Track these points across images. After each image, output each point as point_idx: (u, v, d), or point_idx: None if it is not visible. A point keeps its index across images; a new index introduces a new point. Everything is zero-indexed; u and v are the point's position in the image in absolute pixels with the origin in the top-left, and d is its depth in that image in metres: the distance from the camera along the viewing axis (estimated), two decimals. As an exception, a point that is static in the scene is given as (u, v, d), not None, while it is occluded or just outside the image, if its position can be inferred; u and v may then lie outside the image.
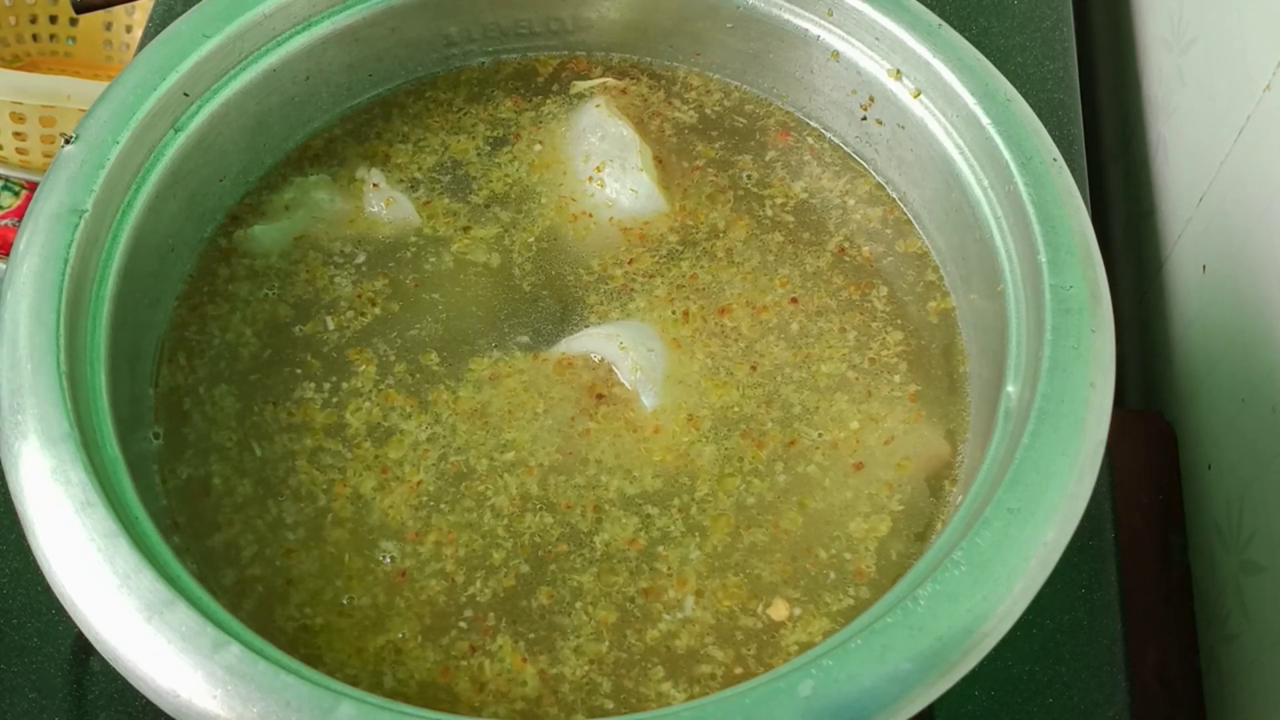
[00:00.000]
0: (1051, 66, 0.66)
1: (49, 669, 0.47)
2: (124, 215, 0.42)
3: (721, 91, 0.52)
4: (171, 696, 0.34)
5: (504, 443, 0.43)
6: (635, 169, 0.49)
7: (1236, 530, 0.54)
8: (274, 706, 0.33)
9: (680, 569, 0.41)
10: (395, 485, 0.42)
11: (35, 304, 0.39)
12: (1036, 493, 0.37)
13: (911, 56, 0.46)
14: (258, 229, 0.47)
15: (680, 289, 0.47)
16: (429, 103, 0.51)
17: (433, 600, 0.40)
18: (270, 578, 0.41)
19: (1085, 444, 0.38)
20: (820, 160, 0.51)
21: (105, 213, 0.42)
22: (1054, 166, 0.43)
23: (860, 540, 0.42)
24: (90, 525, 0.35)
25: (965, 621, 0.35)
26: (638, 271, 0.47)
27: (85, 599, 0.35)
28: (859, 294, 0.47)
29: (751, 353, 0.46)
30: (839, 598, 0.41)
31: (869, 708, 0.34)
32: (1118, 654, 0.50)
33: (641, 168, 0.49)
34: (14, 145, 0.57)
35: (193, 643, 0.34)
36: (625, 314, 0.46)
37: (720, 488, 0.43)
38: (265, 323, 0.46)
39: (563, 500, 0.42)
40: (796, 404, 0.44)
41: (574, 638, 0.40)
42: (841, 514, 0.42)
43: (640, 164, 0.49)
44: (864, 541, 0.42)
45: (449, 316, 0.46)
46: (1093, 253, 0.42)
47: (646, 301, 0.47)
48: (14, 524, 0.38)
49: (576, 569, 0.41)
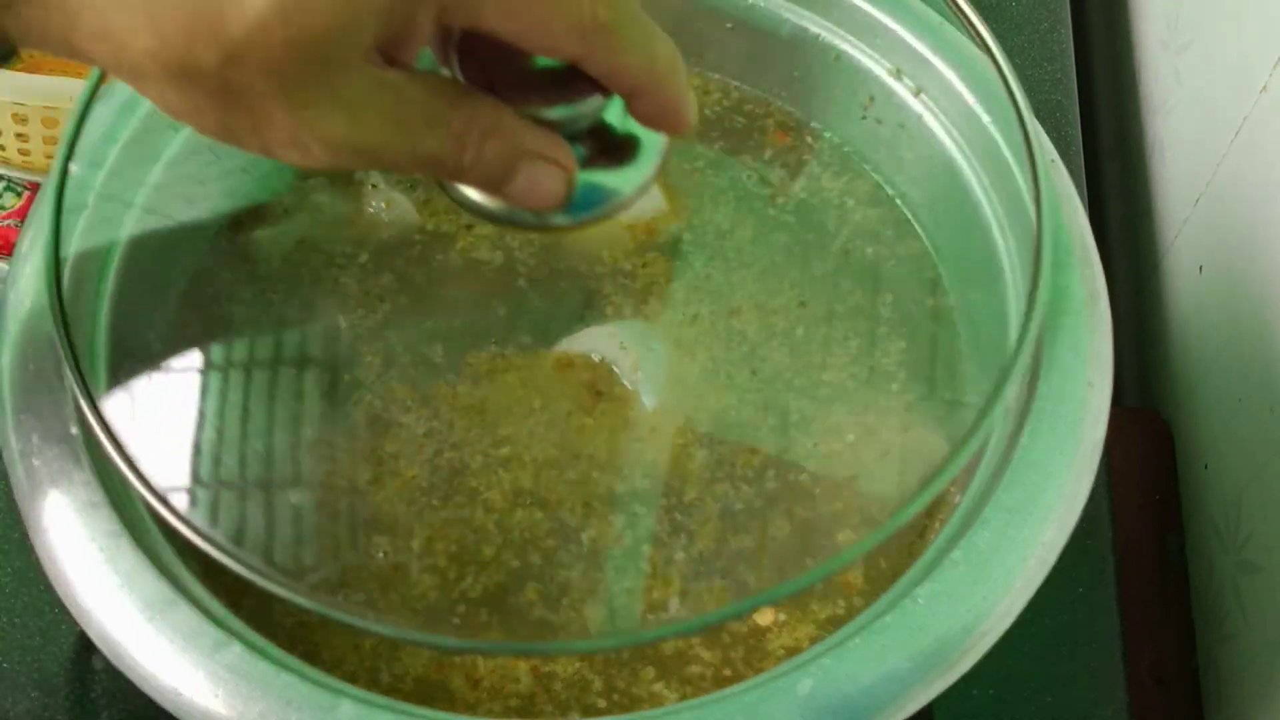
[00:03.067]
0: (1049, 68, 0.67)
1: (51, 667, 0.47)
2: (125, 217, 0.43)
3: (721, 91, 0.52)
4: (173, 695, 0.34)
5: (500, 438, 0.43)
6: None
7: (1234, 530, 0.55)
8: (275, 705, 0.33)
9: (665, 570, 0.41)
10: (390, 479, 0.42)
11: (38, 304, 0.39)
12: (1034, 492, 0.37)
13: (913, 55, 0.46)
14: (259, 233, 0.47)
15: (696, 290, 0.47)
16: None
17: (426, 595, 0.40)
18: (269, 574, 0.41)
19: (1083, 444, 0.38)
20: (820, 160, 0.51)
21: (107, 214, 0.42)
22: (1052, 168, 0.43)
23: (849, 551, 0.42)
24: (93, 525, 0.36)
25: (964, 621, 0.35)
26: (646, 271, 0.47)
27: (88, 598, 0.35)
28: (865, 299, 0.47)
29: (754, 357, 0.45)
30: (825, 606, 0.41)
31: (868, 707, 0.34)
32: (1115, 653, 0.50)
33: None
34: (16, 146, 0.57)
35: (194, 642, 0.34)
36: (633, 313, 0.46)
37: (709, 492, 0.43)
38: (268, 323, 0.46)
39: (553, 495, 0.42)
40: (794, 412, 0.44)
41: (563, 635, 0.40)
42: (830, 525, 0.42)
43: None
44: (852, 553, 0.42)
45: (452, 313, 0.46)
46: (1090, 253, 0.42)
47: (659, 302, 0.46)
48: (16, 523, 0.38)
49: (563, 564, 0.41)
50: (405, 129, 0.32)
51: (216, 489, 0.43)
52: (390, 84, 0.32)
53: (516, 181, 0.35)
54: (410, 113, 0.32)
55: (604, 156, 0.37)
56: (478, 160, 0.33)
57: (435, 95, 0.33)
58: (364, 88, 0.31)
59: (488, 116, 0.33)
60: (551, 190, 0.35)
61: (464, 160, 0.33)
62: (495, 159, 0.34)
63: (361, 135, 0.32)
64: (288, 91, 0.30)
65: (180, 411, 0.44)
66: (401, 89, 0.32)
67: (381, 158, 0.33)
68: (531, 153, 0.34)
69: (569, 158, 0.35)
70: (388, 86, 0.31)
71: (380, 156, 0.33)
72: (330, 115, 0.31)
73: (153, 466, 0.42)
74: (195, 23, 0.29)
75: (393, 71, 0.32)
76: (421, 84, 0.32)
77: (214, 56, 0.30)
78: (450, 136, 0.33)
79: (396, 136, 0.32)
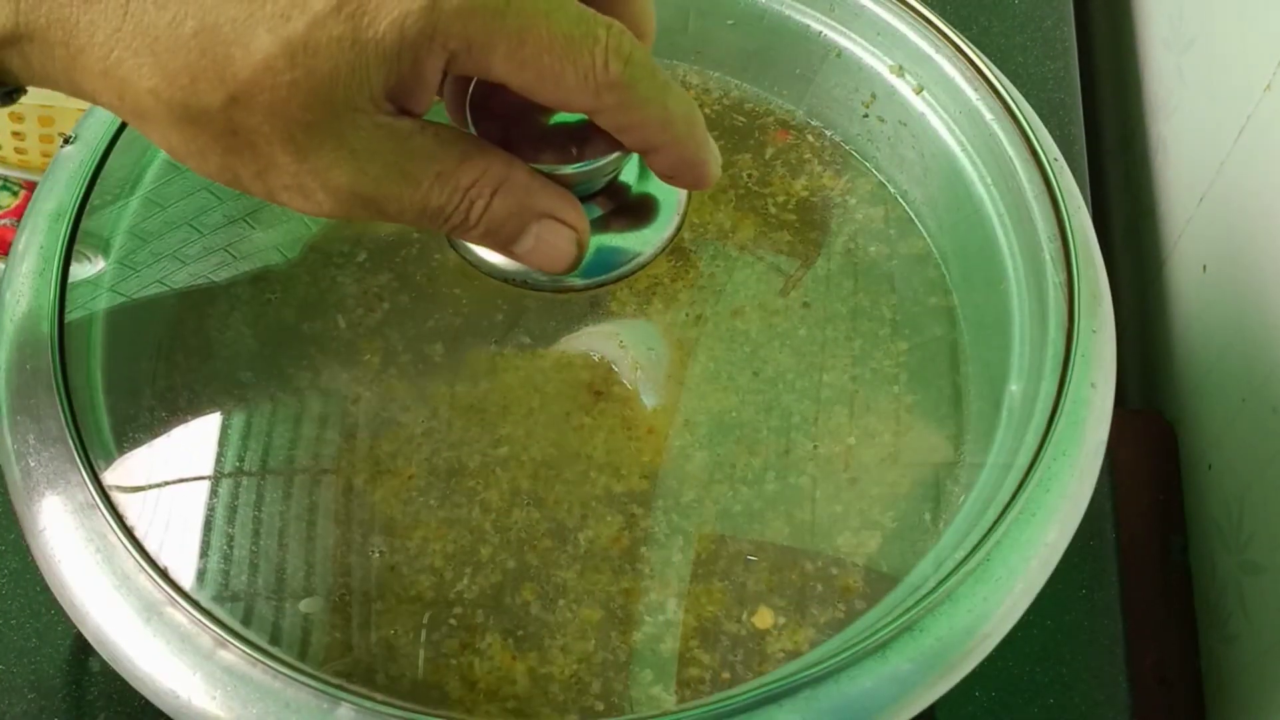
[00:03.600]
0: (1052, 66, 0.66)
1: (48, 669, 0.47)
2: (121, 216, 0.42)
3: (721, 89, 0.52)
4: (171, 697, 0.34)
5: (498, 438, 0.43)
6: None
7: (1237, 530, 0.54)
8: (273, 708, 0.33)
9: (663, 571, 0.41)
10: (387, 478, 0.42)
11: (34, 304, 0.39)
12: (1037, 493, 0.37)
13: (914, 52, 0.46)
14: (257, 233, 0.47)
15: (702, 290, 0.46)
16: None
17: (422, 596, 0.40)
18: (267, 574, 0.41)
19: (1086, 444, 0.38)
20: (821, 158, 0.51)
21: (104, 213, 0.42)
22: (1055, 166, 0.43)
23: (848, 554, 0.41)
24: (89, 526, 0.35)
25: (966, 622, 0.35)
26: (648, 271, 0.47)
27: (84, 600, 0.35)
28: (868, 300, 0.46)
29: (756, 358, 0.45)
30: (825, 610, 0.41)
31: (869, 708, 0.34)
32: (1118, 654, 0.50)
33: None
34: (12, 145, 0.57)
35: (192, 643, 0.34)
36: (634, 312, 0.46)
37: (707, 494, 0.42)
38: (268, 323, 0.46)
39: (550, 495, 0.42)
40: (795, 414, 0.44)
41: (560, 636, 0.40)
42: (830, 527, 0.42)
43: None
44: (852, 556, 0.41)
45: (451, 312, 0.46)
46: (1094, 253, 0.42)
47: (661, 302, 0.46)
48: (12, 524, 0.38)
49: (560, 565, 0.41)
50: (412, 180, 0.32)
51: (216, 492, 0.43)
52: (399, 133, 0.31)
53: (525, 241, 0.34)
54: (418, 164, 0.32)
55: (622, 215, 0.37)
56: (485, 217, 0.33)
57: (445, 147, 0.32)
58: (371, 135, 0.31)
59: (498, 172, 0.33)
60: (562, 251, 0.35)
61: (470, 216, 0.33)
62: (503, 216, 0.33)
63: (367, 184, 0.31)
64: (292, 135, 0.30)
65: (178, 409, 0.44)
66: (410, 139, 0.31)
67: (387, 208, 0.32)
68: (541, 212, 0.34)
69: (581, 219, 0.35)
70: (396, 136, 0.31)
71: (385, 207, 0.32)
72: (336, 162, 0.31)
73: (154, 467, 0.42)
74: (201, 62, 0.29)
75: (403, 120, 0.31)
76: (432, 135, 0.32)
77: (219, 97, 0.29)
78: (457, 191, 0.32)
79: (403, 187, 0.32)
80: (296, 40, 0.29)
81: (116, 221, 0.43)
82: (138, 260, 0.43)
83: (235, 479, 0.43)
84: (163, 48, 0.29)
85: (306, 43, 0.29)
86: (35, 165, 0.59)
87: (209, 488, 0.43)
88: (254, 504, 0.42)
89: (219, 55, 0.29)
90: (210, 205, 0.46)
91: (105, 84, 0.30)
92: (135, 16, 0.29)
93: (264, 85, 0.29)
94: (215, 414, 0.44)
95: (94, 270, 0.42)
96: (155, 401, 0.44)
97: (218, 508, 0.42)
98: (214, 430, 0.44)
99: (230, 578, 0.41)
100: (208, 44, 0.29)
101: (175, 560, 0.37)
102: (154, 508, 0.40)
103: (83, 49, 0.30)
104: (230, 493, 0.42)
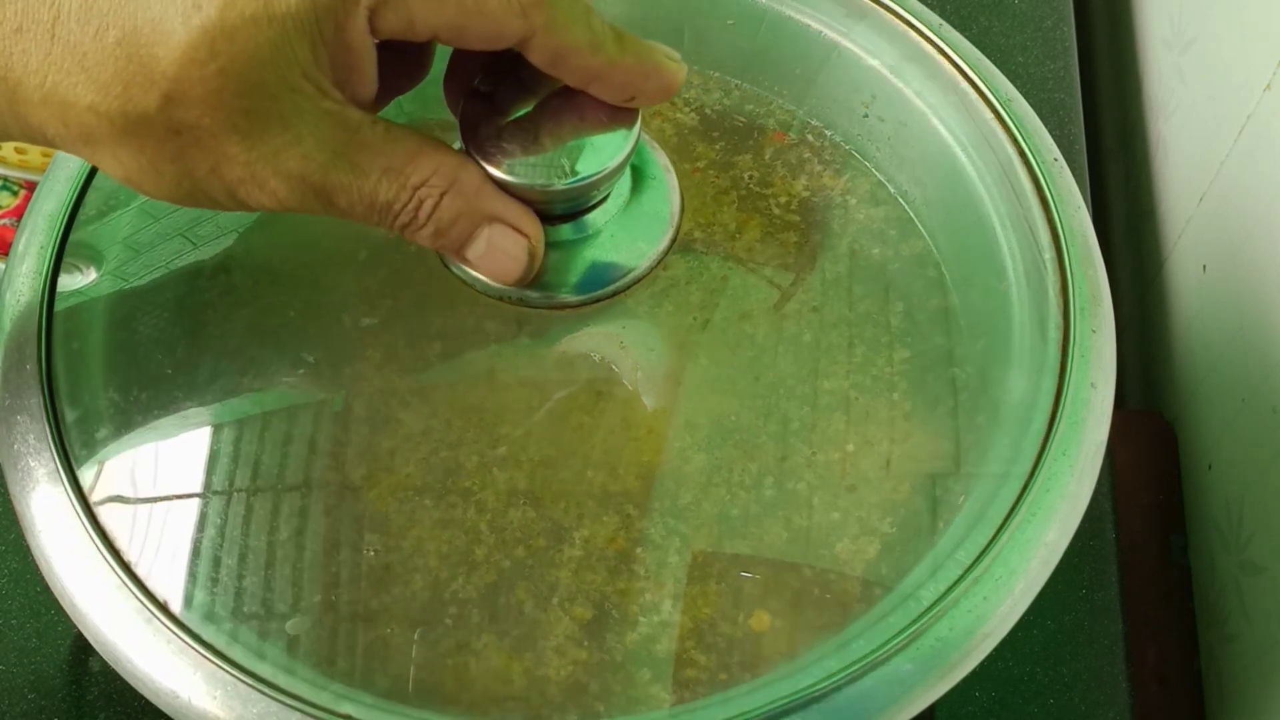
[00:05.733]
0: (1052, 66, 0.66)
1: (48, 669, 0.47)
2: (121, 216, 0.42)
3: (721, 90, 0.52)
4: (171, 697, 0.34)
5: (497, 437, 0.43)
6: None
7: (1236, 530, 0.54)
8: (273, 708, 0.33)
9: (658, 572, 0.41)
10: (384, 476, 0.42)
11: (34, 304, 0.39)
12: (1037, 493, 0.37)
13: (915, 53, 0.46)
14: (256, 234, 0.47)
15: (704, 292, 0.46)
16: (426, 99, 0.51)
17: (418, 595, 0.40)
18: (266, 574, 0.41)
19: (1086, 445, 0.38)
20: (821, 158, 0.51)
21: (103, 213, 0.42)
22: (1054, 166, 0.43)
23: (846, 561, 0.41)
24: (89, 526, 0.35)
25: (966, 622, 0.35)
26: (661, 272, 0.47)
27: (84, 599, 0.35)
28: (873, 304, 0.46)
29: (758, 363, 0.45)
30: (821, 614, 0.40)
31: (869, 708, 0.34)
32: (1118, 654, 0.50)
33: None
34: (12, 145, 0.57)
35: (192, 643, 0.34)
36: (639, 313, 0.46)
37: (705, 496, 0.42)
38: (268, 322, 0.46)
39: (547, 494, 0.42)
40: (795, 419, 0.44)
41: (554, 636, 0.40)
42: (828, 534, 0.42)
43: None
44: (849, 563, 0.41)
45: (451, 311, 0.46)
46: (1093, 253, 0.42)
47: (664, 303, 0.46)
48: (13, 524, 0.38)
49: (555, 564, 0.41)
50: (360, 172, 0.32)
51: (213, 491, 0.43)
52: (348, 123, 0.31)
53: (476, 246, 0.34)
54: (366, 156, 0.32)
55: (615, 230, 0.37)
56: (434, 216, 0.33)
57: (395, 143, 0.32)
58: (317, 121, 0.31)
59: (448, 173, 0.33)
60: (513, 257, 0.35)
61: (420, 215, 0.33)
62: (451, 217, 0.33)
63: (315, 171, 0.31)
64: (235, 124, 0.30)
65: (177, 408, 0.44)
66: (359, 130, 0.31)
67: (337, 200, 0.32)
68: (491, 215, 0.34)
69: (534, 227, 0.35)
70: (345, 125, 0.31)
71: (336, 199, 0.32)
72: (284, 146, 0.31)
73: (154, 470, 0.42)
74: (130, 68, 0.29)
75: (352, 111, 0.31)
76: (383, 129, 0.32)
77: (154, 99, 0.29)
78: (405, 188, 0.32)
79: (351, 177, 0.32)
80: (212, 27, 0.29)
81: (113, 232, 0.43)
82: (138, 261, 0.43)
83: (235, 479, 0.43)
84: (91, 62, 0.29)
85: (222, 28, 0.29)
86: (35, 165, 0.59)
87: (208, 487, 0.43)
88: (253, 503, 0.42)
89: (144, 58, 0.29)
90: (204, 215, 0.46)
91: (47, 111, 0.30)
92: (62, 38, 0.29)
93: (193, 78, 0.29)
94: (215, 414, 0.44)
95: (91, 278, 0.42)
96: (155, 401, 0.44)
97: (217, 507, 0.42)
98: (213, 430, 0.44)
99: (230, 578, 0.41)
100: (132, 49, 0.29)
101: (175, 560, 0.37)
102: (153, 508, 0.40)
103: (20, 81, 0.30)
104: (230, 492, 0.42)
